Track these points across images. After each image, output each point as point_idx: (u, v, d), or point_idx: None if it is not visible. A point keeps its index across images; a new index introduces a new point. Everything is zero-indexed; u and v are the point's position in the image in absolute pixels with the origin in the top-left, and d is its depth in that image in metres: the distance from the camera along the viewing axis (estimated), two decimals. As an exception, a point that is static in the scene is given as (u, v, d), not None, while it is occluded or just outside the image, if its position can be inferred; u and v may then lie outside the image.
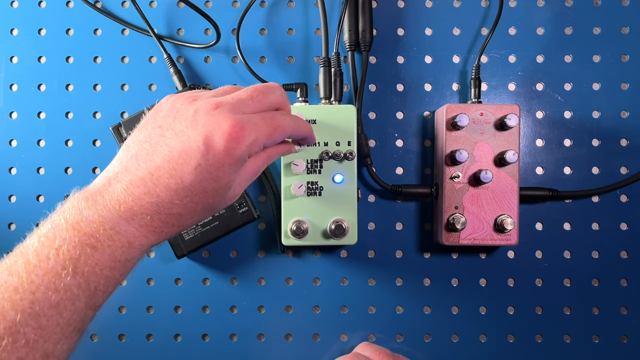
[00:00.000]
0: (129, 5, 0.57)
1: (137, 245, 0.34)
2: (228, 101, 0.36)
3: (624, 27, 0.56)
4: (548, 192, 0.53)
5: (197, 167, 0.33)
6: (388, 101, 0.56)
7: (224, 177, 0.34)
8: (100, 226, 0.33)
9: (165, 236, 0.36)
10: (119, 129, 0.52)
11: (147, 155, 0.34)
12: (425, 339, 0.56)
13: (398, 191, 0.54)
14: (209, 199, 0.35)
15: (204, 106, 0.35)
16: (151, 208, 0.34)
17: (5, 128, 0.56)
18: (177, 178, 0.33)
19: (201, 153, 0.33)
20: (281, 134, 0.37)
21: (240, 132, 0.34)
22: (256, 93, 0.37)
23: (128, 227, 0.33)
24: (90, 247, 0.32)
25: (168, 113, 0.36)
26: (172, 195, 0.34)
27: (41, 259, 0.31)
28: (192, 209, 0.35)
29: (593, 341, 0.55)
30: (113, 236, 0.33)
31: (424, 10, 0.56)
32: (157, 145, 0.34)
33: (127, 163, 0.35)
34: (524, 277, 0.55)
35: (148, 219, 0.34)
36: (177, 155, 0.33)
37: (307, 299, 0.56)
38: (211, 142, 0.33)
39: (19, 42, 0.56)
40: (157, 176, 0.33)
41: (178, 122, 0.35)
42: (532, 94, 0.56)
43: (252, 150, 0.35)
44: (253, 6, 0.55)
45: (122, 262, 0.33)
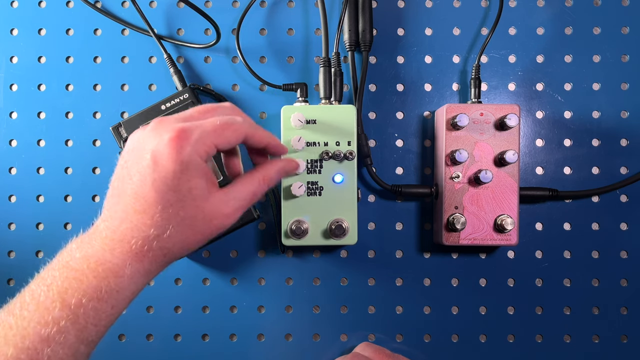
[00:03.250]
0: (129, 5, 0.57)
1: (122, 274, 0.35)
2: (172, 117, 0.37)
3: (624, 27, 0.56)
4: (548, 192, 0.53)
5: (153, 182, 0.34)
6: (388, 101, 0.56)
7: (183, 184, 0.35)
8: (85, 262, 0.35)
9: (152, 262, 0.36)
10: (119, 129, 0.52)
11: (119, 192, 0.36)
12: (425, 339, 0.56)
13: (398, 191, 0.54)
14: (179, 212, 0.35)
15: (150, 126, 0.36)
16: (127, 234, 0.35)
17: (5, 128, 0.56)
18: (141, 200, 0.35)
19: (152, 169, 0.34)
20: (233, 132, 0.37)
21: (182, 134, 0.34)
22: (203, 108, 0.39)
23: (111, 258, 0.35)
24: (77, 280, 0.34)
25: (129, 147, 0.37)
26: (142, 217, 0.35)
27: (34, 297, 0.34)
28: (164, 227, 0.35)
29: (593, 341, 0.55)
30: (97, 268, 0.35)
31: (424, 10, 0.56)
32: (124, 179, 0.36)
33: (107, 204, 0.37)
34: (524, 277, 0.55)
35: (127, 247, 0.35)
36: (136, 179, 0.35)
37: (307, 299, 0.56)
38: (157, 155, 0.34)
39: (19, 42, 0.56)
40: (127, 205, 0.35)
41: (134, 153, 0.36)
42: (532, 94, 0.56)
43: (202, 150, 0.35)
44: (253, 6, 0.55)
45: (109, 292, 0.35)
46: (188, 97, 0.52)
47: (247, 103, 0.56)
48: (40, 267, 0.56)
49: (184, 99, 0.52)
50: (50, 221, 0.56)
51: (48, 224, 0.56)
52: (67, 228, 0.56)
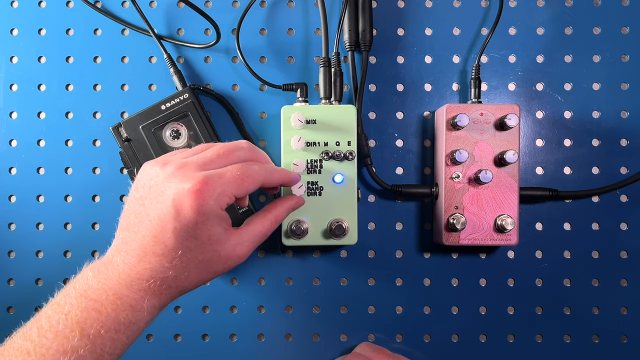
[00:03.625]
0: (129, 5, 0.57)
1: (139, 308, 0.37)
2: (193, 161, 0.38)
3: (624, 27, 0.56)
4: (548, 192, 0.53)
5: (174, 230, 0.36)
6: (388, 101, 0.56)
7: (203, 233, 0.36)
8: (103, 293, 0.36)
9: (167, 297, 0.38)
10: (119, 129, 0.52)
11: (135, 227, 0.37)
12: (425, 339, 0.56)
13: (398, 191, 0.54)
14: (197, 256, 0.37)
15: (171, 170, 0.37)
16: (146, 273, 0.36)
17: (5, 128, 0.56)
18: (161, 244, 0.36)
19: (173, 217, 0.35)
20: (251, 182, 0.39)
21: (204, 187, 0.36)
22: (222, 150, 0.40)
23: (129, 293, 0.36)
24: (96, 311, 0.35)
25: (145, 182, 0.38)
26: (161, 260, 0.36)
27: (52, 324, 0.35)
28: (183, 269, 0.37)
29: (593, 341, 0.55)
30: (116, 301, 0.36)
31: (424, 10, 0.56)
32: (140, 216, 0.37)
33: (122, 235, 0.38)
34: (524, 277, 0.55)
35: (145, 284, 0.37)
36: (156, 223, 0.36)
37: (307, 299, 0.56)
38: (179, 204, 0.35)
39: (19, 42, 0.56)
40: (145, 245, 0.36)
41: (153, 191, 0.37)
42: (532, 94, 0.56)
43: (222, 202, 0.37)
44: (253, 6, 0.55)
45: (126, 324, 0.36)
46: (188, 97, 0.52)
47: (247, 103, 0.56)
48: (39, 267, 0.56)
49: (184, 99, 0.52)
50: (50, 221, 0.56)
51: (48, 224, 0.56)
52: (67, 228, 0.56)
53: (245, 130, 0.55)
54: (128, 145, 0.52)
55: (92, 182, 0.56)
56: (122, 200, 0.56)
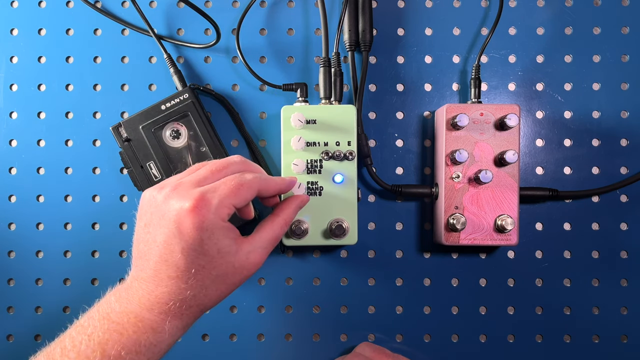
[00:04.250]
0: (129, 5, 0.57)
1: (160, 330, 0.37)
2: (188, 180, 0.39)
3: (624, 27, 0.56)
4: (548, 192, 0.53)
5: (182, 250, 0.36)
6: (388, 101, 0.56)
7: (211, 248, 0.37)
8: (125, 316, 0.37)
9: (190, 317, 0.39)
10: (119, 129, 0.52)
11: (146, 255, 0.38)
12: (425, 339, 0.56)
13: (398, 191, 0.54)
14: (212, 272, 0.38)
15: (168, 191, 0.38)
16: (164, 297, 0.37)
17: (5, 128, 0.56)
18: (173, 266, 0.37)
19: (178, 238, 0.36)
20: (247, 189, 0.39)
21: (201, 202, 0.36)
22: (215, 166, 0.40)
23: (150, 316, 0.37)
24: (117, 333, 0.36)
25: (147, 210, 0.39)
26: (176, 282, 0.37)
27: (75, 344, 0.36)
28: (200, 287, 0.38)
29: (593, 341, 0.55)
30: (137, 323, 0.37)
31: (424, 10, 0.56)
32: (148, 243, 0.38)
33: (137, 263, 0.39)
34: (524, 277, 0.55)
35: (165, 307, 0.37)
36: (163, 247, 0.37)
37: (307, 299, 0.56)
38: (180, 224, 0.36)
39: (19, 42, 0.56)
40: (158, 270, 0.37)
41: (154, 216, 0.38)
42: (532, 94, 0.56)
43: (223, 213, 0.37)
44: (253, 6, 0.55)
45: (147, 346, 0.37)
46: (188, 97, 0.52)
47: (247, 103, 0.56)
48: (39, 267, 0.56)
49: (184, 99, 0.52)
50: (50, 221, 0.56)
51: (48, 224, 0.56)
52: (67, 228, 0.56)
53: (245, 130, 0.55)
54: (128, 145, 0.52)
55: (92, 182, 0.56)
56: (122, 200, 0.56)
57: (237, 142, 0.56)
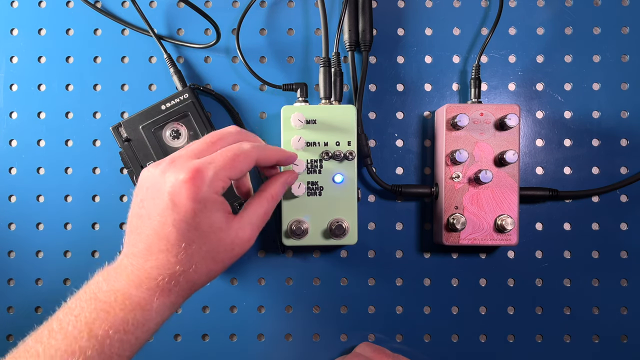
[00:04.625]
0: (129, 5, 0.57)
1: (148, 308, 0.36)
2: (184, 153, 0.38)
3: (624, 27, 0.56)
4: (548, 192, 0.53)
5: (174, 222, 0.36)
6: (388, 101, 0.56)
7: (203, 221, 0.36)
8: (112, 294, 0.36)
9: (178, 295, 0.38)
10: (119, 129, 0.52)
11: (138, 229, 0.37)
12: (425, 339, 0.56)
13: (398, 191, 0.54)
14: (202, 247, 0.37)
15: (164, 165, 0.37)
16: (153, 272, 0.36)
17: (5, 128, 0.56)
18: (164, 239, 0.36)
19: (171, 209, 0.36)
20: (243, 160, 0.38)
21: (196, 174, 0.36)
22: (209, 139, 0.40)
23: (138, 293, 0.36)
24: (105, 312, 0.35)
25: (142, 184, 0.38)
26: (166, 255, 0.36)
27: (62, 326, 0.35)
28: (190, 262, 0.37)
29: (593, 341, 0.55)
30: (124, 301, 0.36)
31: (424, 10, 0.56)
32: (142, 218, 0.37)
33: (128, 239, 0.38)
34: (524, 277, 0.55)
35: (153, 282, 0.36)
36: (157, 220, 0.36)
37: (307, 299, 0.56)
38: (175, 195, 0.36)
39: (19, 42, 0.56)
40: (150, 244, 0.36)
41: (150, 191, 0.37)
42: (532, 94, 0.56)
43: (218, 186, 0.37)
44: (253, 6, 0.55)
45: (135, 324, 0.36)
46: (188, 97, 0.52)
47: (247, 103, 0.56)
48: (39, 267, 0.56)
49: (184, 99, 0.52)
50: (50, 221, 0.56)
51: (48, 224, 0.56)
52: (67, 228, 0.56)
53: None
54: (128, 145, 0.52)
55: (92, 182, 0.56)
56: (122, 200, 0.56)
57: (237, 142, 0.56)
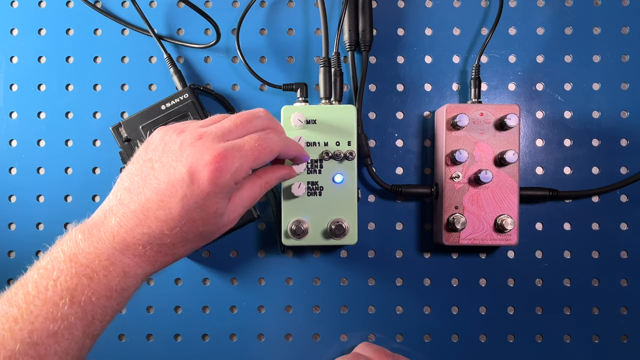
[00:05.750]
0: (129, 5, 0.57)
1: (132, 274, 0.35)
2: (212, 131, 0.37)
3: (624, 27, 0.56)
4: (548, 192, 0.53)
5: (183, 197, 0.34)
6: (388, 101, 0.56)
7: (211, 205, 0.35)
8: (95, 257, 0.34)
9: (161, 265, 0.37)
10: (119, 129, 0.52)
11: (139, 188, 0.35)
12: (425, 339, 0.56)
13: (398, 191, 0.54)
14: (199, 227, 0.36)
15: (189, 138, 0.36)
16: (143, 239, 0.35)
17: (5, 128, 0.56)
18: (166, 209, 0.35)
19: (186, 184, 0.34)
20: (268, 154, 0.38)
21: (223, 160, 0.35)
22: (240, 120, 0.38)
23: (122, 258, 0.35)
24: (87, 277, 0.34)
25: (157, 146, 0.37)
26: (162, 225, 0.35)
27: (40, 290, 0.33)
28: (182, 238, 0.36)
29: (593, 341, 0.55)
30: (108, 266, 0.34)
31: (424, 10, 0.56)
32: (147, 178, 0.35)
33: (120, 196, 0.36)
34: (524, 277, 0.55)
35: (141, 249, 0.35)
36: (164, 187, 0.35)
37: (307, 299, 0.56)
38: (195, 173, 0.34)
39: (19, 42, 0.56)
40: (147, 208, 0.35)
41: (166, 155, 0.36)
42: (532, 94, 0.56)
43: (239, 177, 0.36)
44: (253, 6, 0.55)
45: (118, 291, 0.35)
46: (188, 97, 0.52)
47: (247, 103, 0.56)
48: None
49: (184, 99, 0.52)
50: (50, 221, 0.56)
51: (48, 224, 0.56)
52: (67, 228, 0.56)
53: (245, 130, 0.55)
54: (128, 145, 0.52)
55: (92, 182, 0.56)
56: (122, 200, 0.56)
57: (237, 142, 0.56)
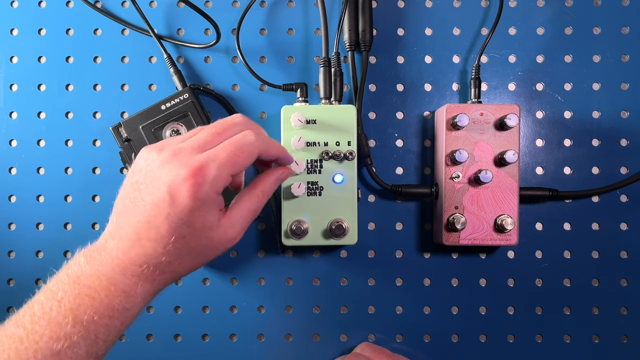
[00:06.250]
0: (129, 5, 0.57)
1: (132, 294, 0.36)
2: (189, 145, 0.37)
3: (624, 27, 0.56)
4: (548, 192, 0.53)
5: (167, 216, 0.35)
6: (388, 101, 0.56)
7: (197, 220, 0.36)
8: (97, 279, 0.35)
9: (160, 284, 0.38)
10: (119, 129, 0.52)
11: (129, 211, 0.37)
12: (425, 339, 0.56)
13: (398, 191, 0.54)
14: (190, 243, 0.37)
15: (167, 155, 0.36)
16: (140, 259, 0.36)
17: (5, 128, 0.56)
18: (154, 229, 0.35)
19: (167, 203, 0.35)
20: (247, 157, 0.38)
21: (199, 173, 0.35)
22: (216, 129, 0.39)
23: (122, 279, 0.36)
24: (89, 297, 0.35)
25: (141, 167, 0.37)
26: (154, 245, 0.36)
27: (45, 311, 0.34)
28: (177, 255, 0.37)
29: (593, 341, 0.55)
30: (109, 287, 0.35)
31: (424, 10, 0.56)
32: (135, 201, 0.36)
33: (116, 220, 0.38)
34: (524, 277, 0.55)
35: (139, 270, 0.36)
36: (149, 208, 0.36)
37: (307, 299, 0.56)
38: (174, 191, 0.35)
39: (19, 42, 0.56)
40: (139, 230, 0.36)
41: (148, 176, 0.37)
42: (532, 94, 0.56)
43: (219, 186, 0.36)
44: (253, 6, 0.55)
45: (120, 310, 0.36)
46: (188, 97, 0.52)
47: (247, 103, 0.56)
48: (39, 267, 0.56)
49: (184, 99, 0.52)
50: (50, 221, 0.56)
51: (48, 224, 0.56)
52: (67, 228, 0.56)
53: (245, 130, 0.55)
54: (128, 145, 0.52)
55: (92, 182, 0.56)
56: (122, 200, 0.56)
57: (237, 142, 0.56)
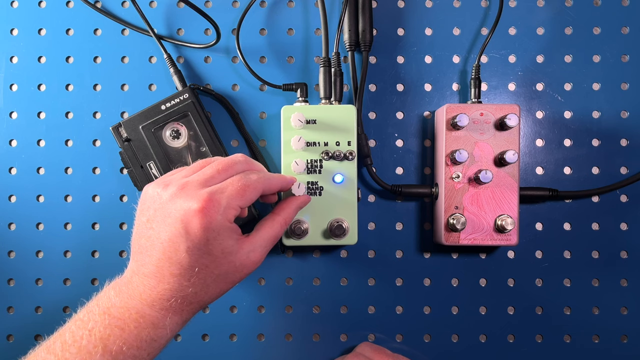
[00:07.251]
0: (129, 5, 0.57)
1: (161, 325, 0.38)
2: (194, 179, 0.39)
3: (624, 27, 0.56)
4: (548, 192, 0.53)
5: (187, 250, 0.37)
6: (388, 101, 0.56)
7: (216, 248, 0.37)
8: (126, 311, 0.37)
9: (188, 314, 0.39)
10: (119, 129, 0.52)
11: (148, 251, 0.38)
12: (425, 339, 0.56)
13: (398, 191, 0.54)
14: (214, 271, 0.38)
15: (174, 190, 0.38)
16: (166, 294, 0.37)
17: (5, 128, 0.56)
18: (177, 264, 0.37)
19: (184, 237, 0.36)
20: (253, 190, 0.40)
21: (209, 204, 0.37)
22: (220, 166, 0.41)
23: (151, 312, 0.37)
24: (119, 328, 0.36)
25: (149, 205, 0.39)
26: (179, 279, 0.37)
27: (75, 339, 0.36)
28: (202, 285, 0.38)
29: (593, 341, 0.55)
30: (138, 319, 0.37)
31: (424, 10, 0.56)
32: (151, 239, 0.38)
33: (137, 259, 0.39)
34: (524, 277, 0.55)
35: (166, 303, 0.38)
36: (167, 245, 0.37)
37: (307, 299, 0.56)
38: (188, 224, 0.36)
39: (19, 42, 0.56)
40: (161, 267, 0.37)
41: (159, 213, 0.38)
42: (532, 94, 0.56)
43: (230, 215, 0.38)
44: (253, 6, 0.55)
45: (147, 341, 0.37)
46: (188, 97, 0.52)
47: (247, 103, 0.56)
48: (40, 267, 0.56)
49: (184, 99, 0.52)
50: (50, 221, 0.56)
51: (48, 224, 0.56)
52: (67, 228, 0.56)
53: (245, 130, 0.55)
54: (128, 145, 0.52)
55: (92, 182, 0.56)
56: (122, 200, 0.56)
57: (237, 142, 0.56)
